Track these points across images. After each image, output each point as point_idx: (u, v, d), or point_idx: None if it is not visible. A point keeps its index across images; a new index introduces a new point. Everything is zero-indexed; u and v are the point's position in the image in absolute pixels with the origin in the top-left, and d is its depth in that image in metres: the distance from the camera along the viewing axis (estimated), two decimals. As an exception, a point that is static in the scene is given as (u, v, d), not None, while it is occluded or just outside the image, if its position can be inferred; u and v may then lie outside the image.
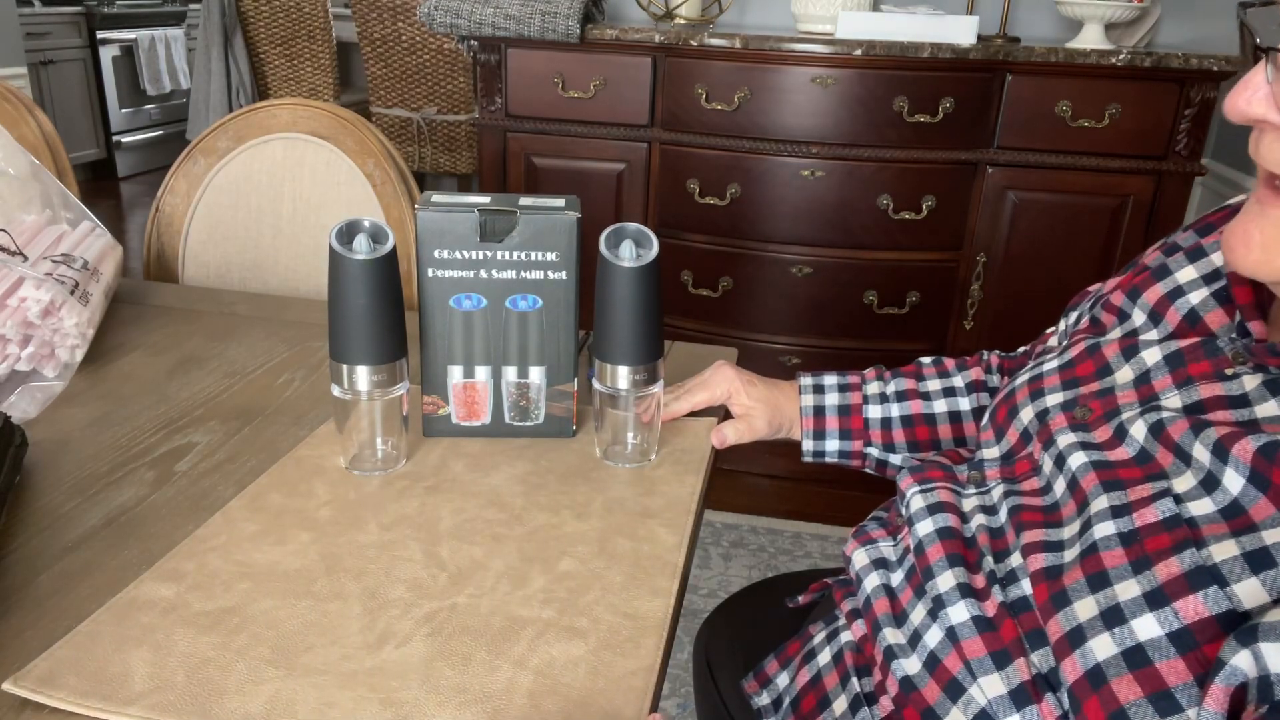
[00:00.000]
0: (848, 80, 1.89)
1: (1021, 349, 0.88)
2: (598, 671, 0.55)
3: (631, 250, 0.72)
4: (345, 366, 0.71)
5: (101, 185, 4.76)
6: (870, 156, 1.94)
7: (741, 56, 1.92)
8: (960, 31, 1.88)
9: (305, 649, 0.55)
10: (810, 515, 2.10)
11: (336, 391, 0.73)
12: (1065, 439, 0.61)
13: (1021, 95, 1.90)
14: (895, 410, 0.86)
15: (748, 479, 2.24)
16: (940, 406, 0.86)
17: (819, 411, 0.87)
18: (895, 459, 0.87)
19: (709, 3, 2.26)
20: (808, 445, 0.88)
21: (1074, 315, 0.77)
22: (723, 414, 0.89)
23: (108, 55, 4.67)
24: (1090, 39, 1.96)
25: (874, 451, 0.87)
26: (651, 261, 0.72)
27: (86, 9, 4.56)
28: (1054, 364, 0.68)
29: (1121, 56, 1.82)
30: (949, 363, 0.89)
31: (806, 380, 0.89)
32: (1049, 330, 0.84)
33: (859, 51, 1.86)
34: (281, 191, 1.33)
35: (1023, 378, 0.70)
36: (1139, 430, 0.57)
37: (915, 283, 2.04)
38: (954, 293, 2.06)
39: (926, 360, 0.90)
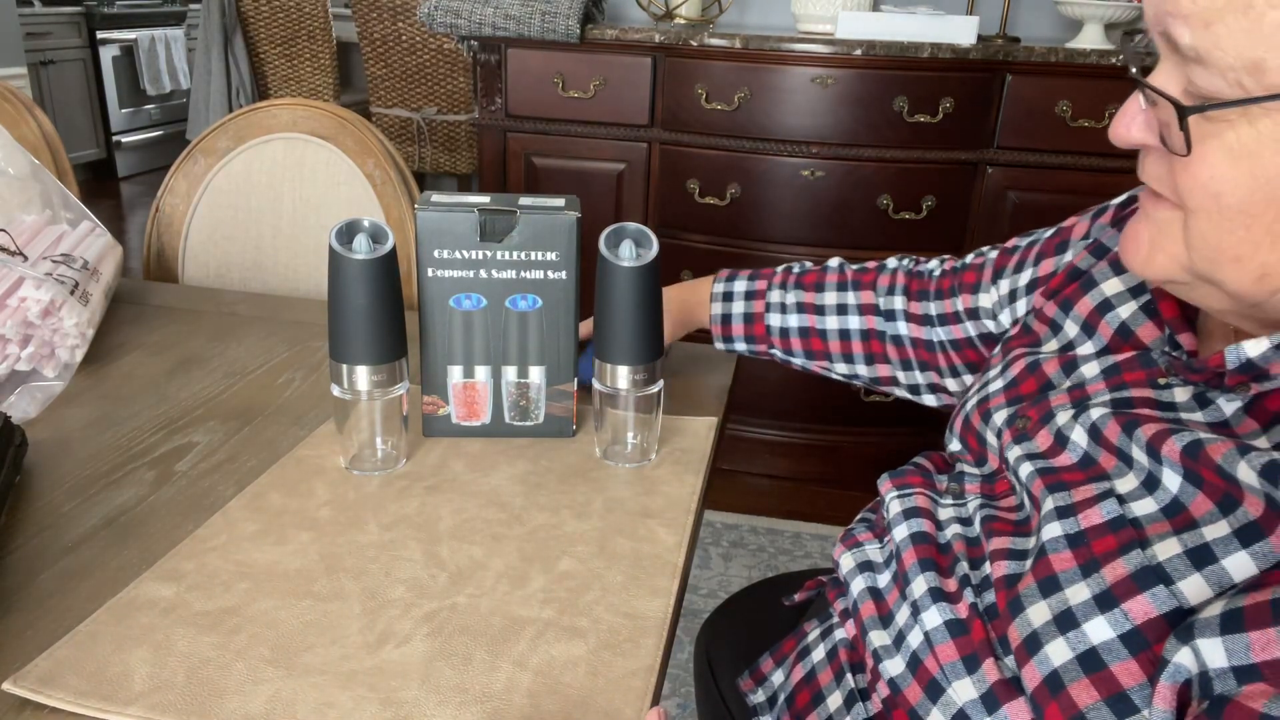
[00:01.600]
0: (848, 80, 1.89)
1: (933, 263, 0.89)
2: (598, 671, 0.55)
3: (631, 250, 0.72)
4: (345, 366, 0.71)
5: (101, 185, 4.76)
6: (870, 156, 1.94)
7: (741, 56, 1.92)
8: (960, 31, 1.88)
9: (305, 649, 0.55)
10: (810, 515, 2.10)
11: (336, 391, 0.73)
12: (1014, 453, 0.63)
13: (1021, 95, 1.90)
14: (793, 321, 0.91)
15: (748, 479, 2.24)
16: (832, 323, 0.90)
17: (726, 319, 0.94)
18: (796, 362, 0.93)
19: (709, 3, 2.26)
20: (719, 345, 0.95)
21: (1005, 285, 0.79)
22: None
23: (108, 55, 4.67)
24: (1090, 39, 1.96)
25: (777, 353, 0.93)
26: (651, 261, 0.72)
27: (86, 9, 4.56)
28: (999, 384, 0.69)
29: (1121, 56, 1.81)
30: (849, 273, 0.92)
31: (718, 287, 0.94)
32: (972, 260, 0.85)
33: (859, 51, 1.86)
34: (281, 191, 1.33)
35: (973, 400, 0.72)
36: (1079, 435, 0.58)
37: (915, 283, 2.04)
38: (954, 293, 2.06)
39: (834, 265, 0.93)
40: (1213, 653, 0.42)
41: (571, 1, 1.97)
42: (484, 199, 0.76)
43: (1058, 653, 0.49)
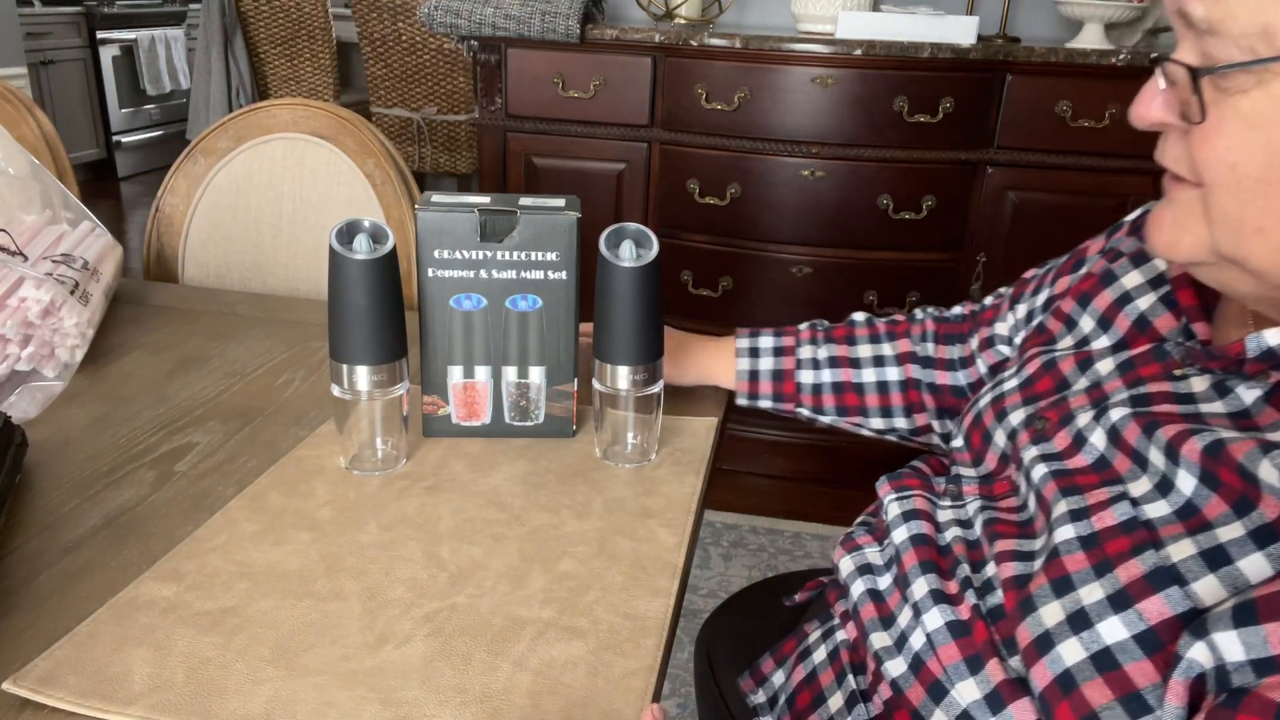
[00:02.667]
0: (848, 80, 1.89)
1: (956, 309, 0.90)
2: (598, 671, 0.55)
3: (631, 250, 0.72)
4: (345, 366, 0.71)
5: (101, 185, 4.75)
6: (870, 156, 1.94)
7: (741, 56, 1.92)
8: (960, 31, 1.88)
9: (305, 649, 0.55)
10: (810, 515, 2.10)
11: (336, 391, 0.73)
12: (1029, 454, 0.62)
13: (1021, 95, 1.90)
14: (827, 376, 0.89)
15: (748, 479, 2.24)
16: (869, 375, 0.89)
17: (754, 376, 0.90)
18: (825, 419, 0.91)
19: (709, 3, 2.26)
20: (742, 401, 0.91)
21: (1022, 309, 0.79)
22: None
23: (108, 55, 4.67)
24: (1090, 39, 1.96)
25: (805, 411, 0.90)
26: (651, 261, 0.72)
27: (86, 9, 4.55)
28: (1014, 383, 0.69)
29: (1121, 56, 1.81)
30: (880, 326, 0.90)
31: (743, 343, 0.91)
32: (991, 301, 0.86)
33: (859, 51, 1.86)
34: (281, 191, 1.33)
35: (986, 399, 0.71)
36: (1098, 438, 0.58)
37: (915, 283, 2.04)
38: (954, 293, 2.06)
39: (860, 319, 0.92)
40: (1229, 646, 0.42)
41: (571, 1, 1.97)
42: (484, 199, 0.76)
43: (1070, 652, 0.49)
